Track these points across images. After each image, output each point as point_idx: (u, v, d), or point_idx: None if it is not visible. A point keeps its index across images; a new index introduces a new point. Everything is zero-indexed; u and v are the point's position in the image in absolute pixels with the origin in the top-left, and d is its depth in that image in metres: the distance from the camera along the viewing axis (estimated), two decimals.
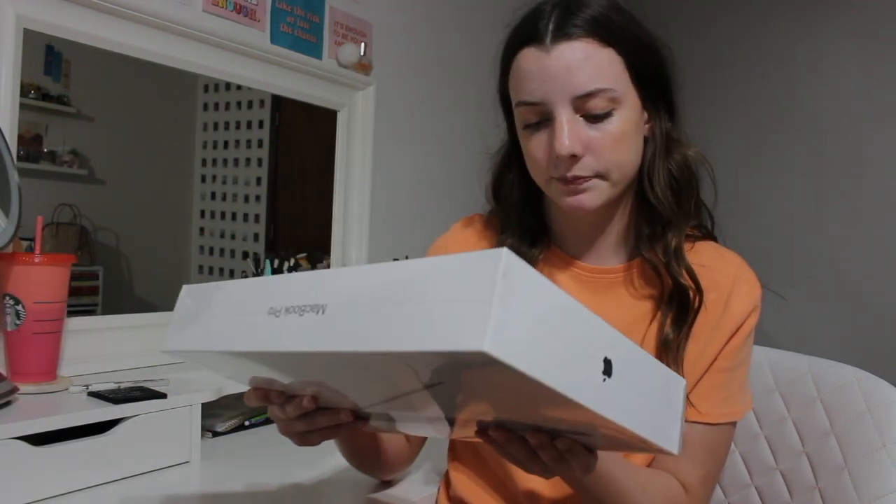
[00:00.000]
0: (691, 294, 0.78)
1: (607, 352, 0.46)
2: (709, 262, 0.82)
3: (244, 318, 0.56)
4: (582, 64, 0.71)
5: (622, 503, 0.73)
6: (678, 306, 0.79)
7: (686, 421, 0.78)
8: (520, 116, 0.77)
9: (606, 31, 0.73)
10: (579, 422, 0.49)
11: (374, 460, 0.91)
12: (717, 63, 2.72)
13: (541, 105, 0.74)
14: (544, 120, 0.75)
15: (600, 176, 0.75)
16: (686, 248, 0.81)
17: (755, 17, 2.72)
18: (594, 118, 0.73)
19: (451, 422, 0.59)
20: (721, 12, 2.79)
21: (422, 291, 0.42)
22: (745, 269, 0.84)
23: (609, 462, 0.71)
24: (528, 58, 0.74)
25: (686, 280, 0.78)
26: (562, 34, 0.72)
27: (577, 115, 0.73)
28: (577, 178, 0.74)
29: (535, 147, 0.76)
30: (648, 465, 0.82)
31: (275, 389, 0.64)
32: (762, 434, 1.05)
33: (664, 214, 0.80)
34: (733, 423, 0.82)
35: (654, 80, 0.78)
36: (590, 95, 0.72)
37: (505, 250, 0.40)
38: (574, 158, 0.73)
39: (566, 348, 0.43)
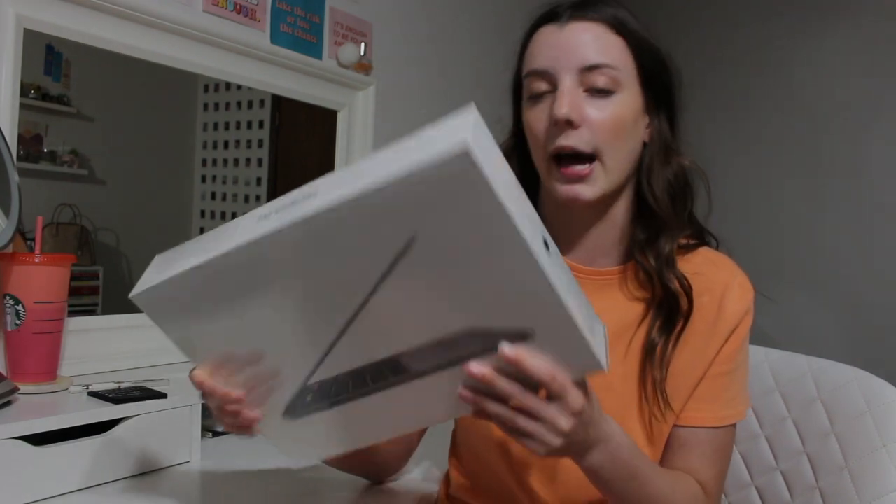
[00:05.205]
0: (682, 301, 0.79)
1: (543, 234, 0.50)
2: (700, 269, 0.82)
3: (228, 232, 0.57)
4: (591, 41, 0.76)
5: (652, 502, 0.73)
6: (667, 313, 0.80)
7: (691, 426, 0.80)
8: (526, 89, 0.80)
9: (620, 24, 0.77)
10: (519, 302, 0.50)
11: (365, 461, 0.91)
12: (717, 63, 2.72)
13: (547, 74, 0.77)
14: (548, 92, 0.77)
15: (597, 157, 0.76)
16: (678, 255, 0.81)
17: (755, 16, 2.72)
18: (596, 93, 0.76)
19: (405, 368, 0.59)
20: (721, 12, 2.79)
21: (408, 144, 0.47)
22: (737, 273, 0.84)
23: (638, 459, 0.71)
24: (543, 34, 0.79)
25: (676, 287, 0.79)
26: (578, 15, 0.78)
27: (581, 90, 0.76)
28: (575, 157, 0.75)
29: (535, 119, 0.78)
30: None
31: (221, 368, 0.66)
32: (762, 434, 1.05)
33: (661, 217, 0.80)
34: (734, 424, 0.83)
35: (659, 87, 0.80)
36: (593, 68, 0.75)
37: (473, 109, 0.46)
38: (570, 125, 0.75)
39: (521, 207, 0.47)
